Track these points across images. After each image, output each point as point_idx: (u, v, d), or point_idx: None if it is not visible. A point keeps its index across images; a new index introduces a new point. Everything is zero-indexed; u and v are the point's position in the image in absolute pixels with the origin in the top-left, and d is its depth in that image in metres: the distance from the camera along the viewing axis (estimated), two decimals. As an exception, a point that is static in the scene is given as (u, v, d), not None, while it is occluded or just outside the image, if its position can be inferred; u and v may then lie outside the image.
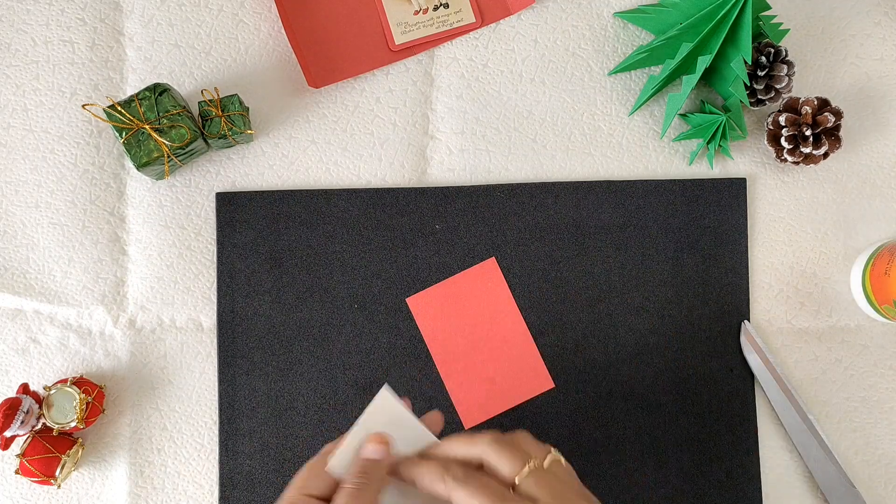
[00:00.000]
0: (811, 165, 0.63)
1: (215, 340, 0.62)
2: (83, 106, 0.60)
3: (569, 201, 0.64)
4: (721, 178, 0.64)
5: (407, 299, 0.63)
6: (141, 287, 0.63)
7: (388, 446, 0.45)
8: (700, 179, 0.64)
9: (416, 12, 0.64)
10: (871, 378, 0.64)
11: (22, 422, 0.56)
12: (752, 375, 0.63)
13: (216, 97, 0.60)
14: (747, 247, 0.64)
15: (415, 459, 0.45)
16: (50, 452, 0.57)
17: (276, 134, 0.64)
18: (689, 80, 0.59)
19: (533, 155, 0.64)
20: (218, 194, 0.63)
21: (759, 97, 0.62)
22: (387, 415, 0.45)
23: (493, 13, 0.65)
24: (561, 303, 0.63)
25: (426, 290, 0.63)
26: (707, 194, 0.64)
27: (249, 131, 0.61)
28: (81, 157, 0.63)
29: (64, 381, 0.59)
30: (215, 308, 0.62)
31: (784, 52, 0.61)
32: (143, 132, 0.58)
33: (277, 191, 0.63)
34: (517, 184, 0.64)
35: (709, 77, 0.63)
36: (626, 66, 0.64)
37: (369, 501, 0.43)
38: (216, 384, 0.62)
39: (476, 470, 0.43)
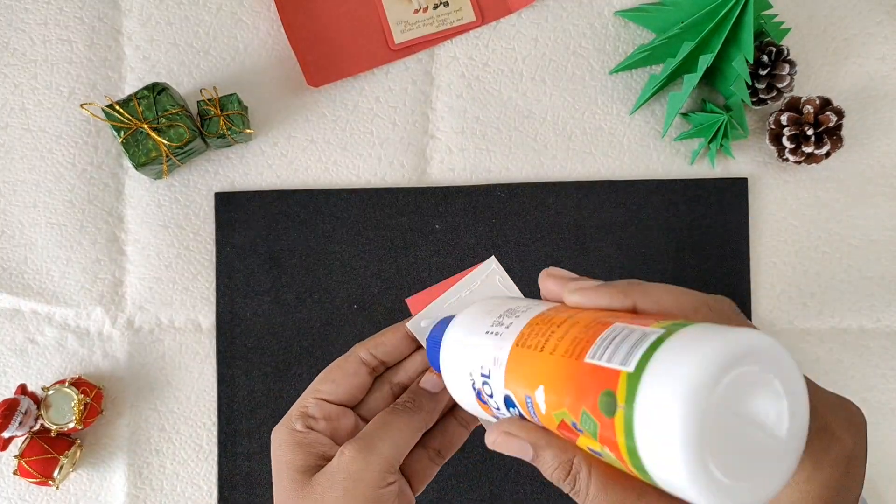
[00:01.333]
0: (813, 165, 0.63)
1: (214, 341, 0.62)
2: (81, 105, 0.59)
3: (569, 201, 0.63)
4: (723, 178, 0.64)
5: (407, 299, 0.63)
6: (139, 287, 0.62)
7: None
8: (701, 179, 0.64)
9: (416, 11, 0.64)
10: (872, 380, 0.64)
11: (20, 423, 0.56)
12: (753, 376, 0.63)
13: (215, 96, 0.60)
14: (749, 247, 0.64)
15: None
16: (48, 453, 0.57)
17: (275, 133, 0.63)
18: (691, 80, 0.59)
19: (533, 154, 0.64)
20: (217, 194, 0.63)
21: (761, 96, 0.62)
22: (488, 293, 0.40)
23: (494, 12, 0.65)
24: (561, 303, 0.63)
25: (426, 290, 0.63)
26: (708, 194, 0.64)
27: (248, 130, 0.60)
28: (80, 156, 0.62)
29: (62, 382, 0.59)
30: (214, 308, 0.62)
31: (786, 52, 0.61)
32: (142, 132, 0.57)
33: (276, 191, 0.63)
34: (517, 183, 0.63)
35: (710, 76, 0.63)
36: (627, 65, 0.64)
37: (415, 430, 0.40)
38: (215, 385, 0.62)
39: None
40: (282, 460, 0.39)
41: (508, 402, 0.30)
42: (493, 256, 0.44)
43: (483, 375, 0.31)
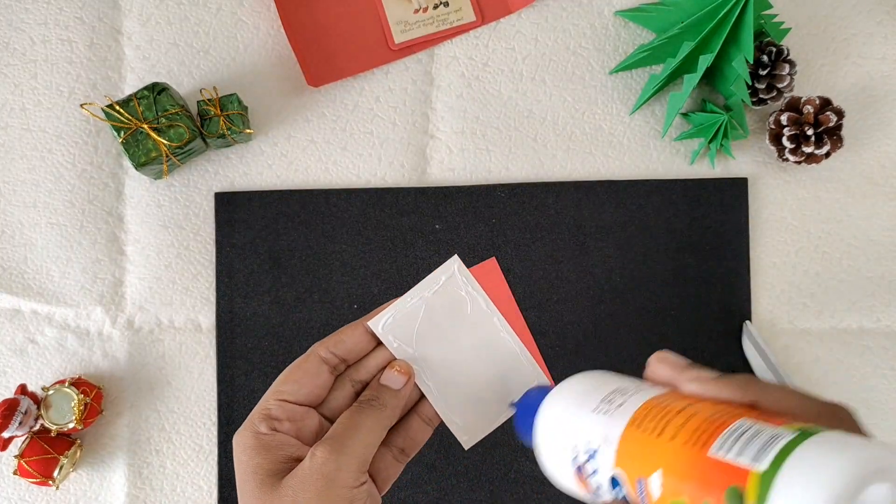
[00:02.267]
0: (813, 165, 0.63)
1: (214, 341, 0.62)
2: (81, 105, 0.59)
3: (569, 201, 0.63)
4: (723, 178, 0.64)
5: (407, 299, 0.63)
6: (139, 287, 0.62)
7: (411, 380, 0.42)
8: (701, 179, 0.64)
9: (416, 11, 0.64)
10: (872, 380, 0.64)
11: (20, 423, 0.56)
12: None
13: (215, 96, 0.60)
14: (749, 247, 0.64)
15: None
16: (48, 453, 0.57)
17: (275, 133, 0.63)
18: (691, 80, 0.59)
19: (533, 154, 0.64)
20: (216, 194, 0.63)
21: (761, 96, 0.62)
22: (450, 292, 0.40)
23: (494, 11, 0.65)
24: (562, 303, 0.63)
25: (426, 290, 0.63)
26: (709, 194, 0.64)
27: (248, 130, 0.60)
28: (79, 156, 0.62)
29: (62, 382, 0.59)
30: (214, 308, 0.62)
31: (786, 52, 0.61)
32: (142, 132, 0.57)
33: (276, 191, 0.63)
34: (517, 183, 0.63)
35: (710, 76, 0.63)
36: (628, 65, 0.64)
37: (382, 427, 0.40)
38: (215, 385, 0.62)
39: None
40: (248, 464, 0.38)
41: (615, 482, 0.30)
42: (455, 255, 0.43)
43: (588, 452, 0.31)
